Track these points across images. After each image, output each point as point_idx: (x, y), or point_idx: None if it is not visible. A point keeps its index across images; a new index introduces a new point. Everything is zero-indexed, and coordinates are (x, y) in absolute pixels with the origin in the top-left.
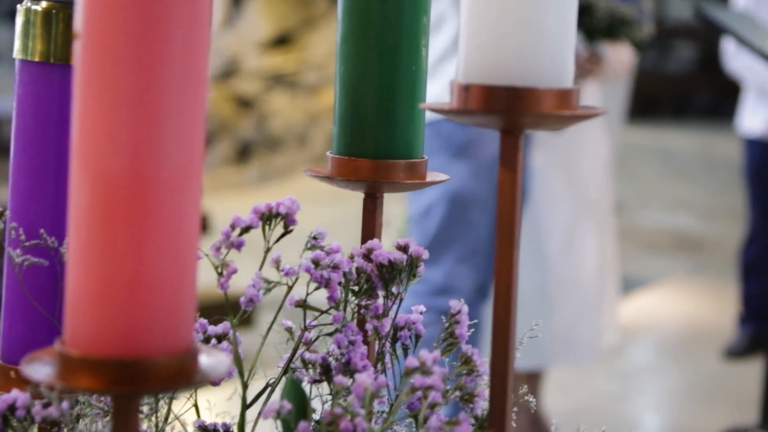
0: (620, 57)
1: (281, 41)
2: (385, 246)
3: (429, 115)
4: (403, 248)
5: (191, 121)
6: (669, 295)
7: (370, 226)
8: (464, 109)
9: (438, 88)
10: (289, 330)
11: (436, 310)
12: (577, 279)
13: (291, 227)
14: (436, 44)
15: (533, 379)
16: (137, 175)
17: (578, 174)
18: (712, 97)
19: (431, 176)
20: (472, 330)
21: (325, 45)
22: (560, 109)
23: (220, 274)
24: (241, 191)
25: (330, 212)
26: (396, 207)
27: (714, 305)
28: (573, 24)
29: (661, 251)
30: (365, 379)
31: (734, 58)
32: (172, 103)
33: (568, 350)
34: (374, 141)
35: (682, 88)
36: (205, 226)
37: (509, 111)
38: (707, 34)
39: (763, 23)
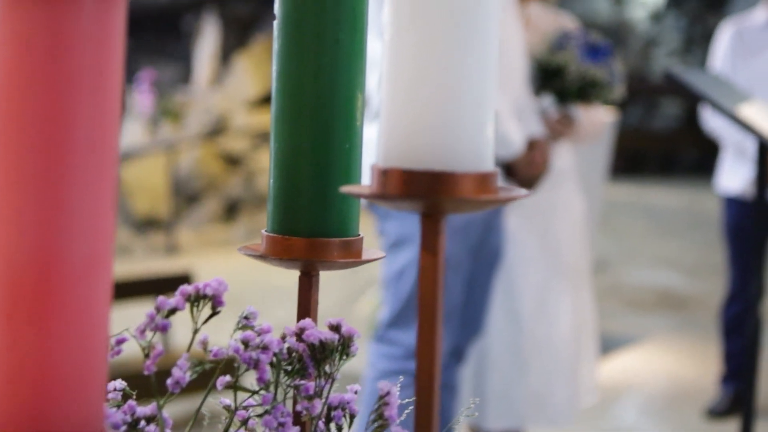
0: (593, 118)
1: (269, 99)
2: (364, 311)
3: None
4: (335, 328)
5: (100, 206)
6: (652, 353)
7: (305, 305)
8: (383, 193)
9: None
10: (228, 408)
11: (410, 374)
12: (551, 339)
13: (219, 308)
14: None
15: None
16: (43, 261)
17: (552, 235)
18: (698, 154)
19: (367, 254)
20: (446, 392)
21: None
22: (479, 194)
23: (147, 356)
24: (229, 249)
25: None
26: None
27: (697, 364)
28: (492, 109)
29: (645, 309)
30: None
31: (711, 119)
32: (80, 188)
33: (544, 410)
34: (308, 219)
35: (668, 145)
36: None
37: (428, 195)
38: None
39: (733, 85)
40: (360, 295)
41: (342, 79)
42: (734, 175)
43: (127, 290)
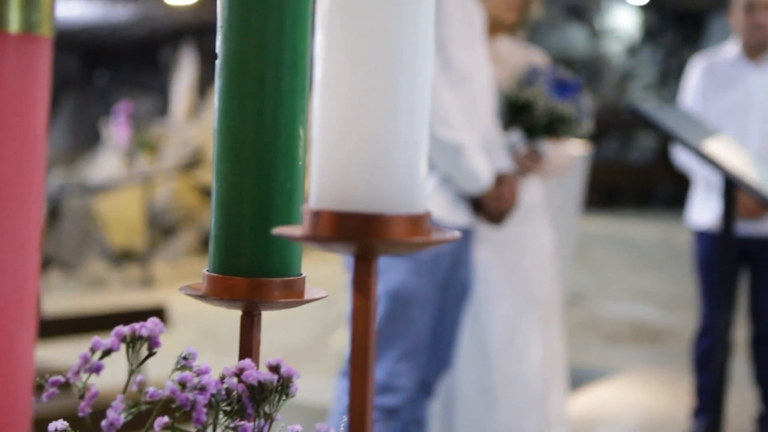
0: (561, 153)
1: None
2: (338, 345)
3: None
4: (275, 368)
5: (23, 248)
6: (627, 386)
7: (247, 344)
8: (314, 235)
9: None
10: None
11: (379, 408)
12: (520, 373)
13: (155, 349)
14: None
15: None
16: None
17: (521, 269)
18: (674, 188)
19: (309, 293)
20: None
21: None
22: (411, 236)
23: (81, 397)
24: None
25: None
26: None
27: (671, 397)
28: (424, 150)
29: (620, 342)
30: None
31: (681, 153)
32: (2, 229)
33: None
34: (250, 259)
35: (644, 178)
36: (163, 318)
37: (360, 238)
38: None
39: (700, 120)
40: (334, 329)
41: (284, 119)
42: (705, 209)
43: (102, 323)
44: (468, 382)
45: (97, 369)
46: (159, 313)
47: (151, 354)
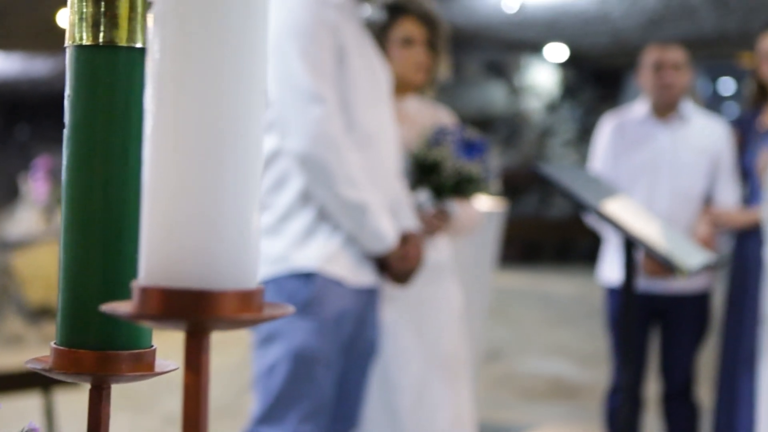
0: (469, 212)
1: None
2: None
3: (271, 271)
4: None
5: None
6: None
7: (96, 419)
8: (142, 313)
9: (282, 247)
10: None
11: None
12: None
13: None
14: (279, 202)
15: None
16: None
17: (430, 328)
18: (593, 243)
19: (160, 366)
20: None
21: None
22: (242, 312)
23: None
24: None
25: (218, 358)
26: None
27: None
28: (256, 224)
29: (537, 398)
30: None
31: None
32: None
33: None
34: (97, 332)
35: (564, 233)
36: None
37: (189, 315)
38: None
39: (601, 180)
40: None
41: (132, 190)
42: (615, 267)
43: (19, 382)
44: None
45: None
46: None
47: None
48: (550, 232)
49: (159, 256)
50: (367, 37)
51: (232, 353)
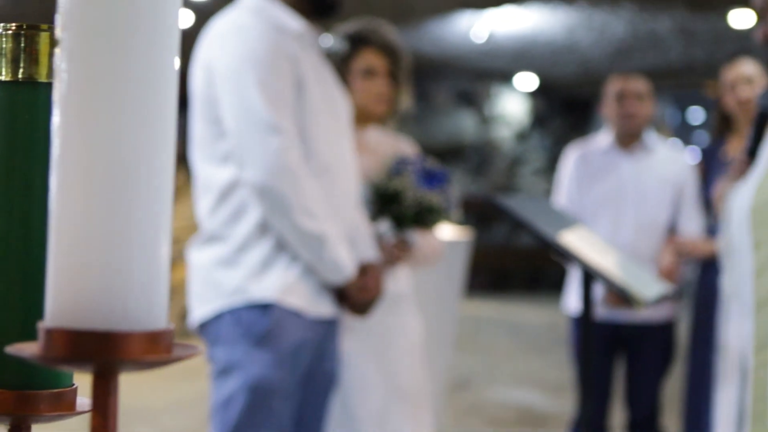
0: (431, 243)
1: None
2: None
3: (229, 303)
4: None
5: None
6: None
7: None
8: (47, 355)
9: (239, 278)
10: None
11: None
12: None
13: None
14: (237, 232)
15: None
16: None
17: (390, 359)
18: (563, 272)
19: (81, 405)
20: None
21: (182, 219)
22: (150, 353)
23: None
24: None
25: (182, 388)
26: None
27: None
28: (164, 264)
29: (506, 427)
30: None
31: None
32: None
33: None
34: (15, 371)
35: (534, 262)
36: None
37: (95, 357)
38: None
39: (559, 210)
40: None
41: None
42: (578, 296)
43: None
44: None
45: None
46: None
47: None
48: (520, 261)
49: (65, 296)
50: (328, 67)
51: (198, 382)
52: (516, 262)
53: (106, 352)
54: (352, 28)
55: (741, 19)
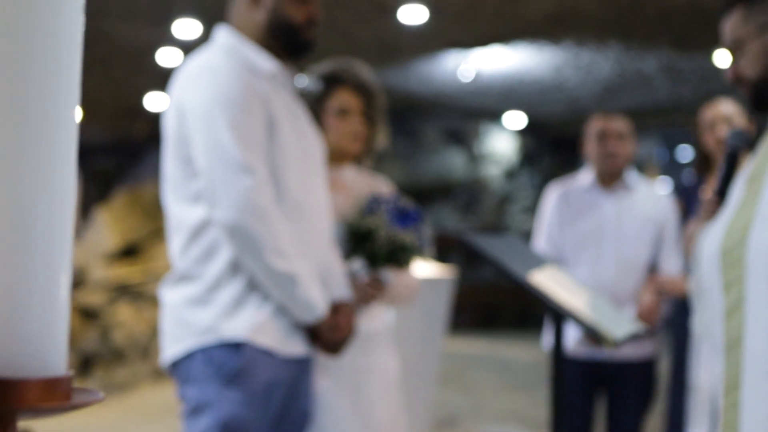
0: (405, 281)
1: (128, 252)
2: None
3: (200, 342)
4: None
5: None
6: None
7: None
8: None
9: (211, 317)
10: None
11: None
12: None
13: None
14: (208, 272)
15: None
16: None
17: (365, 398)
18: None
19: None
20: None
21: (166, 258)
22: (48, 400)
23: None
24: None
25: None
26: None
27: None
28: (63, 309)
29: None
30: None
31: None
32: None
33: None
34: None
35: (523, 299)
36: None
37: None
38: None
39: (530, 250)
40: None
41: None
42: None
43: None
44: None
45: None
46: None
47: None
48: (508, 298)
49: None
50: (301, 106)
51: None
52: (505, 300)
53: (2, 400)
54: (326, 68)
55: (726, 58)
